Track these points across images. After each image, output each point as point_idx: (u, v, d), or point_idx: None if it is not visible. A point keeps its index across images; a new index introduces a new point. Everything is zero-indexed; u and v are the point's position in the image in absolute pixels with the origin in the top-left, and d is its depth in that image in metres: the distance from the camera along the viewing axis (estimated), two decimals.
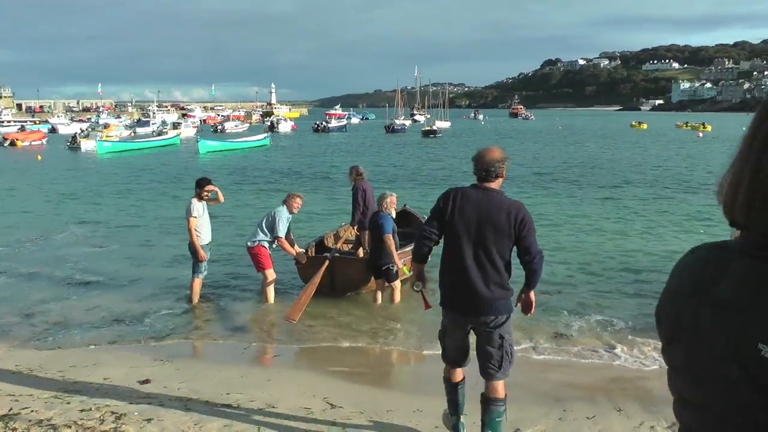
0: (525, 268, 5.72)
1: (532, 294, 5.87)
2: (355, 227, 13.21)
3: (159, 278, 13.44)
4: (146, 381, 7.88)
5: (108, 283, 13.05)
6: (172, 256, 15.24)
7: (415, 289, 6.20)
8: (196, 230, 11.36)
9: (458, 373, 6.06)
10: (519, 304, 5.95)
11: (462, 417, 6.11)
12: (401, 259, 11.21)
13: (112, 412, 6.63)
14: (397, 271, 11.39)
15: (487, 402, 5.79)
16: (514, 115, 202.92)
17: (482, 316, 5.63)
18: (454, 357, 5.97)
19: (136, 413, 6.63)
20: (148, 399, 7.19)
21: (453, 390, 6.08)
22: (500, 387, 5.79)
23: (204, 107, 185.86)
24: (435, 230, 5.71)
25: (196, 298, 11.69)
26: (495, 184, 5.70)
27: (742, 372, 1.38)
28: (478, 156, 5.75)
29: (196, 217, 11.39)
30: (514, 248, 5.68)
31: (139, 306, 11.55)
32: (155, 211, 22.90)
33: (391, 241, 11.06)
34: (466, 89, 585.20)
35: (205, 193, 11.65)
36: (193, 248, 11.47)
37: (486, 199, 5.59)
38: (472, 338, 5.92)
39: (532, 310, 5.97)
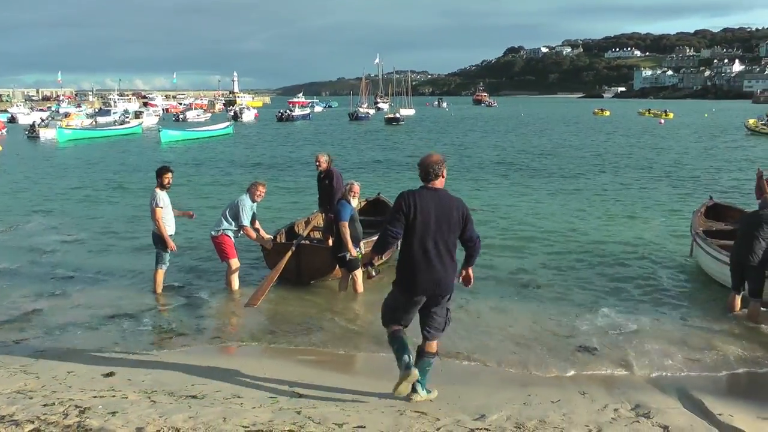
0: (467, 250, 6.94)
1: (471, 270, 7.05)
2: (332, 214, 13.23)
3: (123, 270, 13.31)
4: (110, 374, 7.83)
5: (82, 277, 12.86)
6: (135, 247, 15.14)
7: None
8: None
9: (400, 330, 7.05)
10: (460, 279, 7.05)
11: (408, 355, 6.93)
12: (363, 246, 11.40)
13: (76, 406, 6.56)
14: (356, 260, 11.41)
15: (422, 354, 7.03)
16: (478, 102, 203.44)
17: (440, 295, 6.81)
18: (401, 323, 7.03)
19: (100, 406, 6.57)
20: (112, 392, 7.13)
21: (398, 338, 7.01)
22: (435, 344, 7.05)
23: (166, 96, 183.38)
24: (399, 230, 6.71)
25: (159, 289, 11.63)
26: (438, 184, 6.80)
27: None
28: (421, 161, 6.89)
29: (162, 207, 11.30)
30: None
31: (108, 300, 11.38)
32: (118, 200, 22.74)
33: (345, 228, 11.11)
34: (430, 77, 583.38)
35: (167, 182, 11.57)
36: (160, 238, 11.38)
37: (438, 199, 6.72)
38: None
39: (471, 282, 7.11)
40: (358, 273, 11.55)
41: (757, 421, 6.84)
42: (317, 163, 13.23)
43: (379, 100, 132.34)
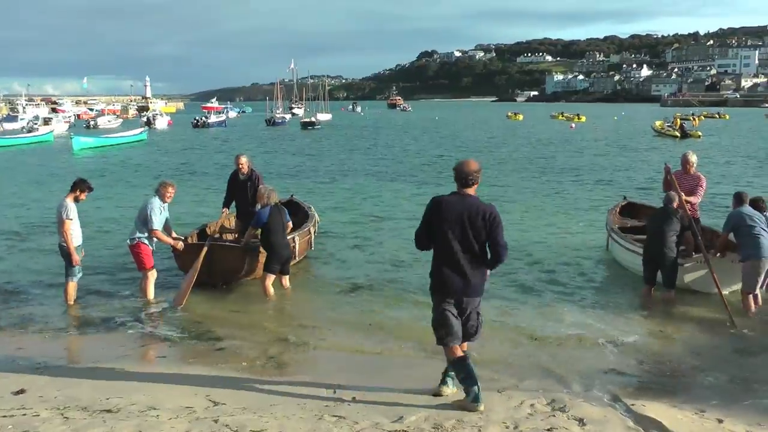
0: (491, 253, 6.98)
1: (488, 272, 7.21)
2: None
3: (32, 283, 12.89)
4: (21, 391, 7.57)
5: None
6: (44, 258, 14.60)
7: None
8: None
9: (460, 349, 7.06)
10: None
11: (477, 386, 6.95)
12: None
13: None
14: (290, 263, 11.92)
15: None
16: (393, 106, 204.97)
17: (469, 297, 6.98)
18: (457, 334, 7.02)
19: (10, 426, 6.40)
20: (23, 410, 6.92)
21: (464, 363, 7.03)
22: (465, 344, 7.19)
23: (76, 101, 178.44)
24: (425, 232, 7.05)
25: (71, 301, 11.31)
26: (472, 191, 7.03)
27: None
28: (459, 167, 7.10)
29: (72, 220, 10.97)
30: None
31: (17, 314, 11.02)
32: (27, 211, 21.93)
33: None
34: (344, 81, 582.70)
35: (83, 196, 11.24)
36: (66, 251, 11.06)
37: (466, 205, 6.91)
38: None
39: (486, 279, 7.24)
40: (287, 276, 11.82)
41: (669, 409, 7.10)
42: (239, 166, 12.98)
43: (294, 105, 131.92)
